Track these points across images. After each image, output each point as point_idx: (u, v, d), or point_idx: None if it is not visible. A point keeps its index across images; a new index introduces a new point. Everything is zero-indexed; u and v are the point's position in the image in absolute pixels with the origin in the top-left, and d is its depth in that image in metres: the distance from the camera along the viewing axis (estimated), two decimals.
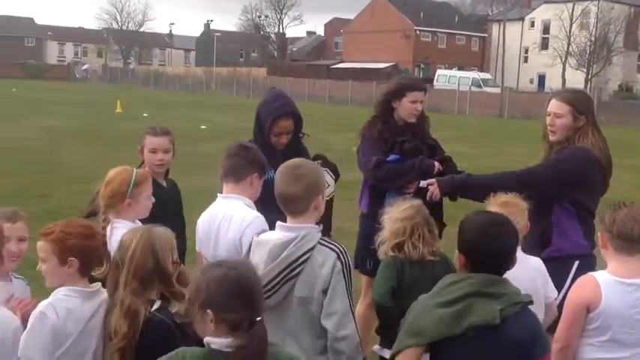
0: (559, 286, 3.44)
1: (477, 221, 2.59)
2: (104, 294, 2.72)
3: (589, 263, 3.67)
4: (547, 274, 3.35)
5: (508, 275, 2.63)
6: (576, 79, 53.94)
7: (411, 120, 4.37)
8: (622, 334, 2.84)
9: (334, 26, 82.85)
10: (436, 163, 4.29)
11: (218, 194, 3.35)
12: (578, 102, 3.81)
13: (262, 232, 2.94)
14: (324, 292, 2.67)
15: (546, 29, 64.47)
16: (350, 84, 48.88)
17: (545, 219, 3.74)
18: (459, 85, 47.12)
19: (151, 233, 2.69)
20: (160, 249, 2.64)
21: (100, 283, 2.78)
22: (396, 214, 3.37)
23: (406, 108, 4.33)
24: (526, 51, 67.76)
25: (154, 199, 3.41)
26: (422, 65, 66.10)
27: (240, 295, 2.09)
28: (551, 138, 3.86)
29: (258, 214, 3.20)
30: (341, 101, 47.30)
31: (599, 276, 2.88)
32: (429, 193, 4.02)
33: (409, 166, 4.22)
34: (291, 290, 2.70)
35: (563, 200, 3.76)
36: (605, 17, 55.94)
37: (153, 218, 3.21)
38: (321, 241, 2.73)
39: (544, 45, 64.10)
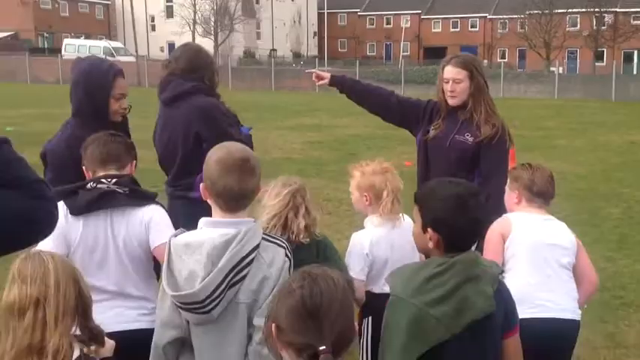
0: None
1: (451, 194, 2.29)
2: None
3: None
4: None
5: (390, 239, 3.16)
6: (206, 47, 55.70)
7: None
8: (535, 259, 3.07)
9: None
10: None
11: None
12: (472, 64, 3.84)
13: (180, 233, 2.43)
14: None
15: None
16: None
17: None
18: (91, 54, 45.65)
19: (61, 258, 2.26)
20: (79, 276, 2.23)
21: None
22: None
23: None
24: (152, 19, 67.71)
25: None
26: (45, 35, 61.58)
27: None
28: (451, 102, 3.87)
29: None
30: None
31: (511, 215, 3.22)
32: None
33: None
34: (236, 296, 2.31)
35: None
36: None
37: None
38: (264, 236, 2.38)
39: (169, 13, 64.78)
